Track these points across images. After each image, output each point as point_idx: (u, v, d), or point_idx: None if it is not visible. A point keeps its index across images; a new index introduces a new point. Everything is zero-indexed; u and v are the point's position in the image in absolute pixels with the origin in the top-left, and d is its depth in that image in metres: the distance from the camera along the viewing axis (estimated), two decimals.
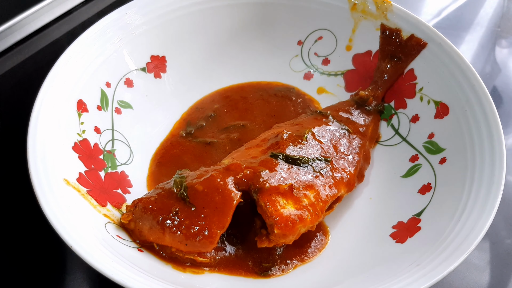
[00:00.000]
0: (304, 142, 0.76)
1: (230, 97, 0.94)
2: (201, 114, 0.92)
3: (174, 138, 0.88)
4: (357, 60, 0.93)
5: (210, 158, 0.85)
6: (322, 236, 0.75)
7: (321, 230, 0.76)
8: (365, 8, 0.89)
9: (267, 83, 0.97)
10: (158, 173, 0.83)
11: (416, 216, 0.74)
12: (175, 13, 0.90)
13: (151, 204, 0.69)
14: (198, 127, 0.89)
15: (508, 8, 1.27)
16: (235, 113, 0.92)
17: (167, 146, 0.87)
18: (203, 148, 0.86)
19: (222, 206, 0.66)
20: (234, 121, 0.90)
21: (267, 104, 0.93)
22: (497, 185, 0.67)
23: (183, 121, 0.91)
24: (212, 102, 0.94)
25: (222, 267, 0.70)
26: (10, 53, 1.01)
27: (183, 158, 0.85)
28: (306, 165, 0.72)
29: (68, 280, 0.72)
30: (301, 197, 0.69)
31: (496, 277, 0.76)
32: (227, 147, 0.86)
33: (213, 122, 0.90)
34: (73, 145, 0.74)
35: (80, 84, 0.78)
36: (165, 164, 0.84)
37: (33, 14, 1.02)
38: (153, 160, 0.85)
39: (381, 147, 0.87)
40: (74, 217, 0.64)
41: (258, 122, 0.90)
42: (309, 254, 0.73)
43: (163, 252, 0.69)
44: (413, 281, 0.60)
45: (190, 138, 0.87)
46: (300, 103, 0.94)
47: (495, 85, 1.07)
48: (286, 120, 0.89)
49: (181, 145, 0.87)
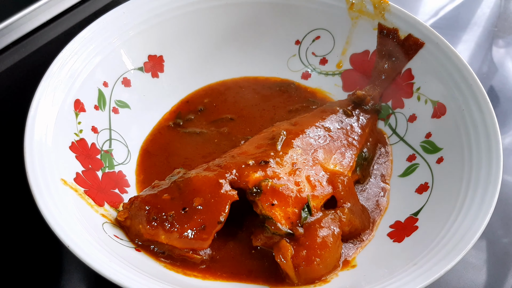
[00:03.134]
0: (301, 142, 0.77)
1: (221, 91, 0.95)
2: (191, 107, 0.92)
3: (162, 128, 0.88)
4: (355, 60, 0.94)
5: (199, 148, 0.85)
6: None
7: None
8: (363, 7, 0.89)
9: (265, 78, 0.97)
10: (147, 162, 0.83)
11: (414, 215, 0.74)
12: (173, 13, 0.90)
13: (147, 202, 0.69)
14: (187, 120, 0.89)
15: (505, 8, 1.27)
16: (224, 106, 0.92)
17: (155, 135, 0.87)
18: (192, 138, 0.86)
19: (218, 204, 0.66)
20: (223, 115, 0.90)
21: (261, 97, 0.94)
22: (494, 185, 0.67)
23: (172, 113, 0.91)
24: (204, 96, 0.94)
25: (218, 267, 0.70)
26: (7, 52, 1.01)
27: (171, 147, 0.85)
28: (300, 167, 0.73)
29: (65, 280, 0.72)
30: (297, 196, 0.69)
31: (493, 276, 0.76)
32: (216, 139, 0.86)
33: (202, 116, 0.90)
34: (70, 144, 0.74)
35: (77, 84, 0.78)
36: (154, 153, 0.84)
37: (30, 14, 1.02)
38: (142, 149, 0.85)
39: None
40: (71, 217, 0.63)
41: (247, 115, 0.90)
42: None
43: (158, 249, 0.69)
44: (410, 280, 0.60)
45: (179, 128, 0.88)
46: (297, 96, 0.94)
47: (492, 84, 1.07)
48: (279, 114, 0.89)
49: (170, 135, 0.87)
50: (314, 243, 0.66)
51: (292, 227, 0.67)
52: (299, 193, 0.69)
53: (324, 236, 0.67)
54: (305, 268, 0.65)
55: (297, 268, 0.65)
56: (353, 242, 0.73)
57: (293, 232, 0.67)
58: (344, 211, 0.71)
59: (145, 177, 0.81)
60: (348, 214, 0.71)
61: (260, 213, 0.67)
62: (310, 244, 0.66)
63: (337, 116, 0.85)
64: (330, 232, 0.68)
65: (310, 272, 0.66)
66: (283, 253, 0.66)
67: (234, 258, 0.70)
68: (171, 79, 0.93)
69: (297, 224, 0.67)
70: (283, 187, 0.69)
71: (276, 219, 0.66)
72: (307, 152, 0.76)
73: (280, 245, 0.66)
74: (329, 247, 0.67)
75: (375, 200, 0.78)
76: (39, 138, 0.68)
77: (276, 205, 0.67)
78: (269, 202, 0.67)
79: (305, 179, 0.72)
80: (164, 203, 0.68)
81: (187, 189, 0.68)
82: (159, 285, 0.60)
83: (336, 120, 0.84)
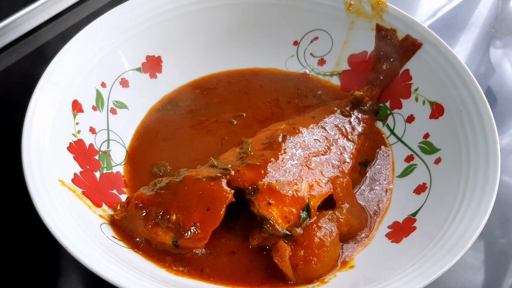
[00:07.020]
0: (298, 142, 0.77)
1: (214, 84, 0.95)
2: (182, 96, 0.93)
3: (153, 113, 0.90)
4: (353, 61, 0.94)
5: (190, 128, 0.87)
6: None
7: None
8: (361, 8, 0.89)
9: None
10: (139, 148, 0.84)
11: (412, 216, 0.74)
12: (171, 13, 0.90)
13: (144, 201, 0.69)
14: (175, 105, 0.91)
15: (502, 9, 1.27)
16: (214, 93, 0.93)
17: (145, 121, 0.89)
18: (181, 117, 0.88)
19: (215, 204, 0.66)
20: (220, 115, 0.91)
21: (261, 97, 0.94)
22: (492, 185, 0.67)
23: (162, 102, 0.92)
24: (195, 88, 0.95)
25: (216, 267, 0.70)
26: (5, 53, 1.01)
27: (162, 129, 0.87)
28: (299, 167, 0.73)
29: (63, 281, 0.72)
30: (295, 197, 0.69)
31: (491, 276, 0.76)
32: (205, 118, 0.88)
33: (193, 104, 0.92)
34: (68, 145, 0.73)
35: (75, 84, 0.78)
36: (144, 138, 0.85)
37: (27, 14, 1.02)
38: (134, 136, 0.86)
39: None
40: (69, 218, 0.63)
41: (247, 115, 0.91)
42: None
43: (155, 247, 0.69)
44: (409, 280, 0.60)
45: (167, 111, 0.89)
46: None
47: (490, 85, 1.07)
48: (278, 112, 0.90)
49: (160, 117, 0.89)
50: (312, 243, 0.67)
51: (290, 227, 0.67)
52: (296, 192, 0.69)
53: (322, 236, 0.67)
54: (303, 268, 0.66)
55: (295, 268, 0.66)
56: (351, 243, 0.73)
57: (292, 234, 0.67)
58: (342, 211, 0.71)
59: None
60: (346, 214, 0.71)
61: (257, 212, 0.67)
62: (308, 244, 0.67)
63: (335, 116, 0.85)
64: (328, 232, 0.68)
65: (308, 272, 0.66)
66: (281, 253, 0.66)
67: (230, 259, 0.70)
68: (169, 80, 0.93)
69: (294, 224, 0.67)
70: (280, 186, 0.69)
71: (273, 218, 0.66)
72: (304, 152, 0.76)
73: (278, 246, 0.67)
74: (327, 247, 0.67)
75: (376, 200, 0.79)
76: (37, 138, 0.68)
77: (273, 204, 0.67)
78: (266, 201, 0.67)
79: (302, 179, 0.72)
80: (161, 202, 0.68)
81: (184, 189, 0.68)
82: (157, 285, 0.60)
83: (334, 121, 0.84)
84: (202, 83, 0.95)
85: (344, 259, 0.71)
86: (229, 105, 0.92)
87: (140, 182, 0.79)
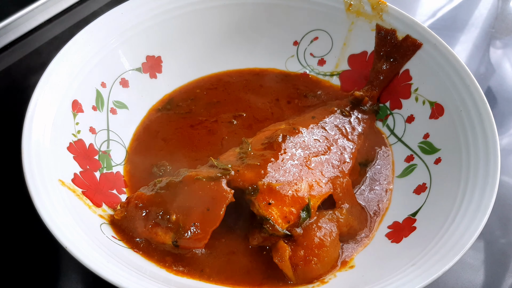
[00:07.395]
0: (298, 142, 0.77)
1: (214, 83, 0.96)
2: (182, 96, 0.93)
3: (152, 112, 0.89)
4: (353, 61, 0.94)
5: (190, 128, 0.87)
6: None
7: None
8: (361, 8, 0.89)
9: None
10: (139, 148, 0.84)
11: (412, 216, 0.74)
12: (171, 13, 0.90)
13: (144, 201, 0.69)
14: (175, 105, 0.91)
15: (502, 9, 1.27)
16: (214, 93, 0.93)
17: (144, 121, 0.89)
18: (181, 117, 0.88)
19: (215, 204, 0.66)
20: (221, 115, 0.91)
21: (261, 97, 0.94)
22: (492, 185, 0.67)
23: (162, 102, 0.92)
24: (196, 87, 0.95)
25: (215, 267, 0.70)
26: (5, 52, 1.01)
27: (162, 129, 0.87)
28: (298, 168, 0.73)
29: (63, 281, 0.72)
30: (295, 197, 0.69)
31: (491, 277, 0.76)
32: (204, 118, 0.88)
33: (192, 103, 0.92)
34: (68, 145, 0.73)
35: (75, 84, 0.78)
36: (144, 138, 0.85)
37: (27, 14, 1.02)
38: (134, 136, 0.86)
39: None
40: (69, 218, 0.63)
41: (248, 115, 0.91)
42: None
43: (155, 246, 0.69)
44: (408, 280, 0.60)
45: (167, 111, 0.89)
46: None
47: (490, 85, 1.07)
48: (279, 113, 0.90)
49: (159, 118, 0.89)
50: (312, 243, 0.67)
51: (290, 227, 0.67)
52: (296, 192, 0.70)
53: (322, 236, 0.68)
54: (303, 268, 0.66)
55: (295, 268, 0.66)
56: (351, 243, 0.73)
57: (292, 234, 0.67)
58: (342, 211, 0.71)
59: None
60: (346, 215, 0.71)
61: (257, 212, 0.67)
62: (308, 244, 0.67)
63: (335, 116, 0.85)
64: (328, 232, 0.68)
65: (308, 272, 0.66)
66: (281, 253, 0.66)
67: (230, 259, 0.70)
68: (169, 80, 0.93)
69: (294, 224, 0.67)
70: (280, 186, 0.69)
71: (273, 218, 0.66)
72: (304, 152, 0.76)
73: (278, 246, 0.67)
74: (327, 247, 0.67)
75: (375, 200, 0.79)
76: (37, 138, 0.68)
77: (273, 204, 0.67)
78: (265, 201, 0.67)
79: (302, 179, 0.72)
80: (161, 202, 0.68)
81: (184, 189, 0.68)
82: (157, 285, 0.60)
83: (334, 121, 0.84)
84: (202, 83, 0.95)
85: (344, 259, 0.71)
86: (229, 105, 0.92)
87: (140, 182, 0.79)
